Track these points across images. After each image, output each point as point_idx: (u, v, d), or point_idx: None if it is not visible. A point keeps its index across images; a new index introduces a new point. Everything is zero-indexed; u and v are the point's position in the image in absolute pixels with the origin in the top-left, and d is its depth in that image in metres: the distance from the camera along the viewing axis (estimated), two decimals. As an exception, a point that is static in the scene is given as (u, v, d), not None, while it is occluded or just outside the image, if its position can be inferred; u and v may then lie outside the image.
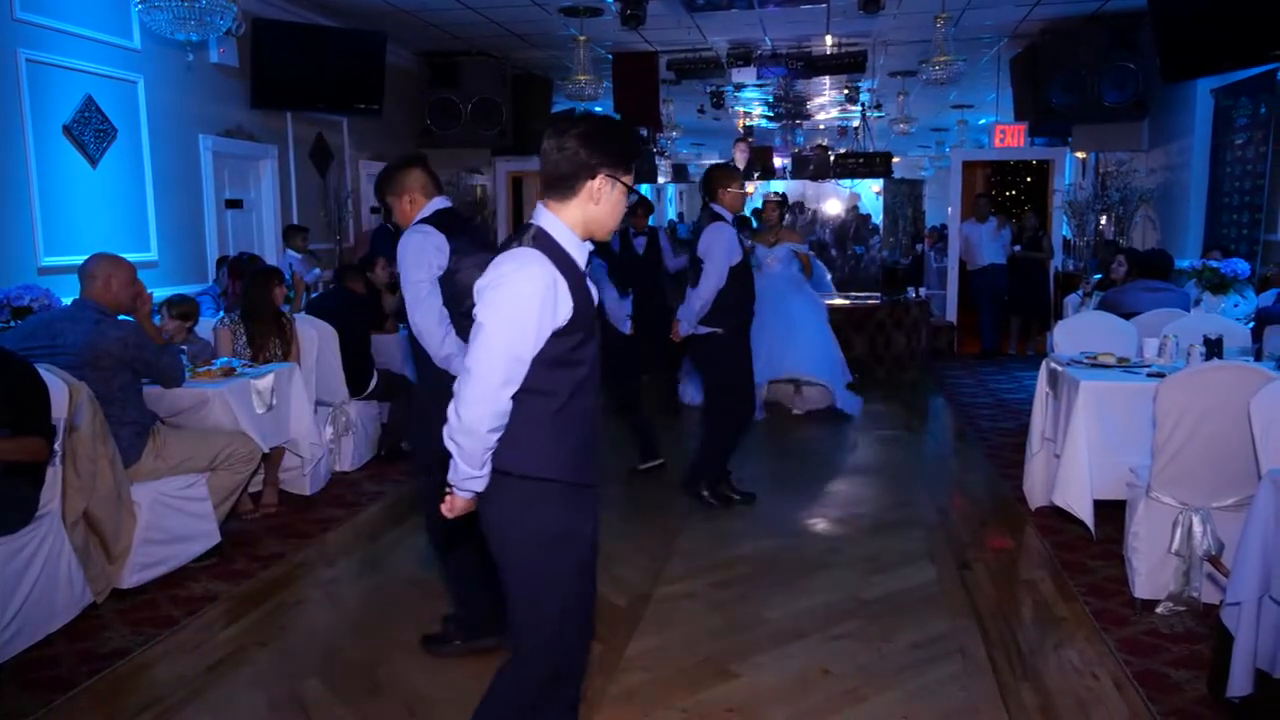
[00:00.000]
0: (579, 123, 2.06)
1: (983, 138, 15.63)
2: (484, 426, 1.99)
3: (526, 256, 2.00)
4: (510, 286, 1.96)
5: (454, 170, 11.34)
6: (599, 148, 2.04)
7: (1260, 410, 3.09)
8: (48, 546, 3.46)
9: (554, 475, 2.08)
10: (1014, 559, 4.37)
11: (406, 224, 3.26)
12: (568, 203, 2.07)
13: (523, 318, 1.96)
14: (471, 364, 1.99)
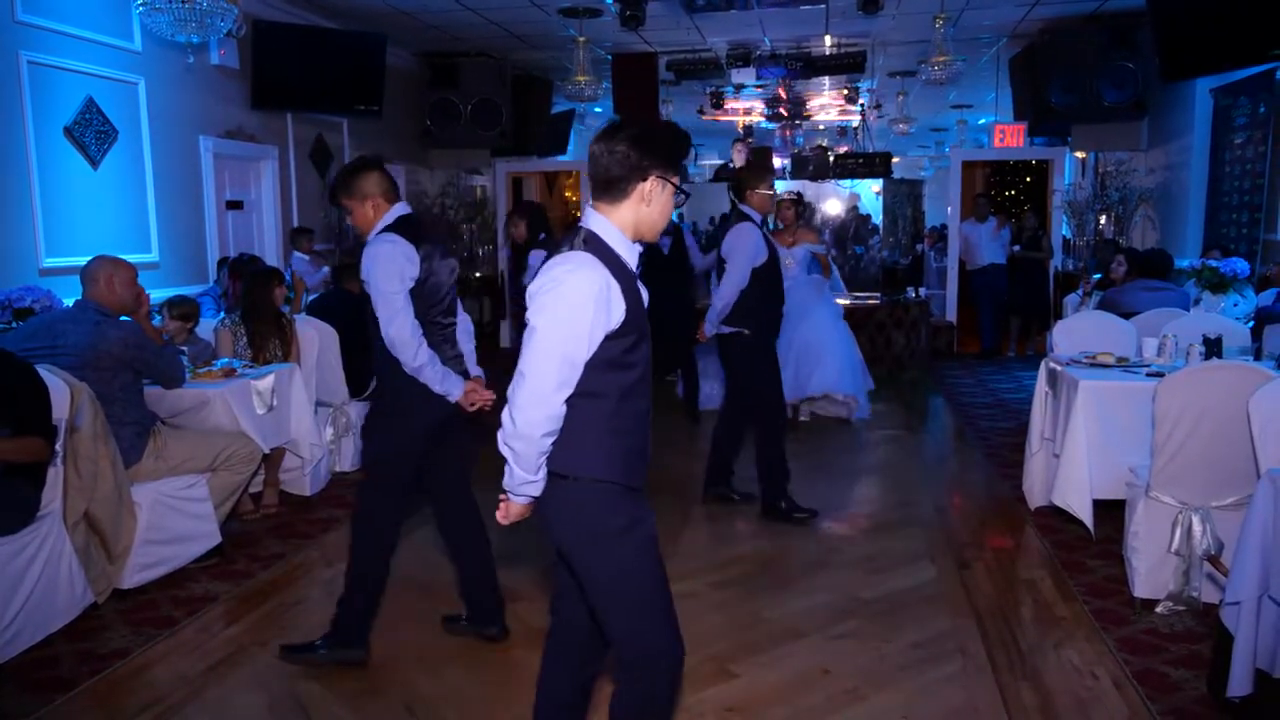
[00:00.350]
0: (628, 126, 2.08)
1: (982, 137, 15.63)
2: (538, 430, 1.99)
3: (579, 260, 2.00)
4: (563, 290, 1.97)
5: (454, 171, 11.36)
6: (649, 150, 2.05)
7: (1259, 409, 3.09)
8: (49, 547, 3.46)
9: (607, 477, 2.08)
10: (1013, 559, 4.38)
11: (367, 230, 3.21)
12: (619, 205, 2.08)
13: (576, 321, 1.97)
14: (525, 368, 1.99)
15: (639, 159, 2.05)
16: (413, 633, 3.58)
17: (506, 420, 2.01)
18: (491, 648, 3.46)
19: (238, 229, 7.84)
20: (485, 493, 3.06)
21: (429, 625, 3.64)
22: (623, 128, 2.07)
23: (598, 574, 2.12)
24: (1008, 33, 9.63)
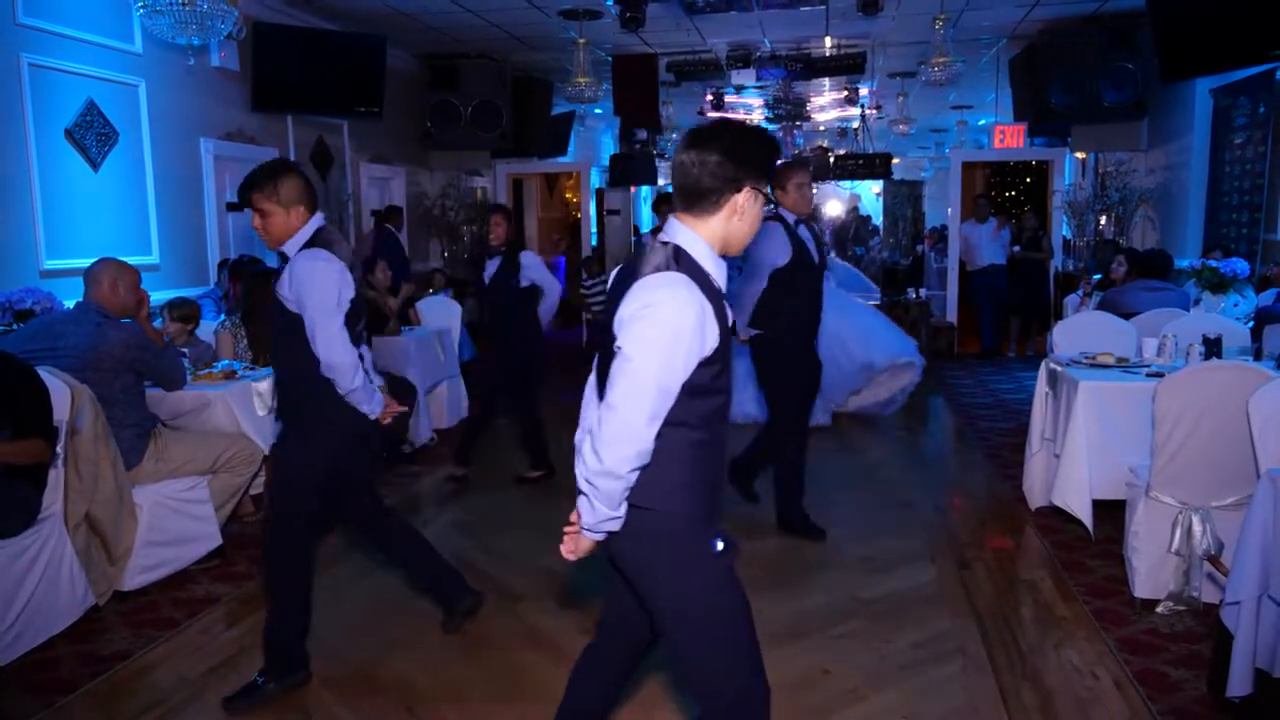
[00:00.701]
0: (721, 134, 1.93)
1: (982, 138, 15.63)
2: (626, 467, 1.84)
3: (675, 282, 1.85)
4: (662, 316, 1.81)
5: (454, 173, 11.36)
6: (744, 160, 1.91)
7: (1259, 409, 3.10)
8: (50, 549, 3.47)
9: (689, 509, 1.94)
10: (1014, 559, 4.38)
11: (283, 240, 3.01)
12: (709, 218, 1.94)
13: (675, 350, 1.81)
14: (618, 401, 1.82)
15: (734, 170, 1.90)
16: (413, 632, 3.58)
17: (590, 456, 1.85)
18: (492, 648, 3.46)
19: (238, 231, 7.84)
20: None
21: (429, 625, 3.64)
22: (715, 136, 1.92)
23: (680, 611, 1.98)
24: (1007, 33, 9.64)
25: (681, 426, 1.89)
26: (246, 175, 3.04)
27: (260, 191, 2.99)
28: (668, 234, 1.96)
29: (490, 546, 4.55)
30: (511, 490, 5.48)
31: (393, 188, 10.48)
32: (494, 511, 5.14)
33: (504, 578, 4.14)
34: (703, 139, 1.92)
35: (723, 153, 1.90)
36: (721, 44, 10.22)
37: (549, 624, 3.65)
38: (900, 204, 12.07)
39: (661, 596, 1.98)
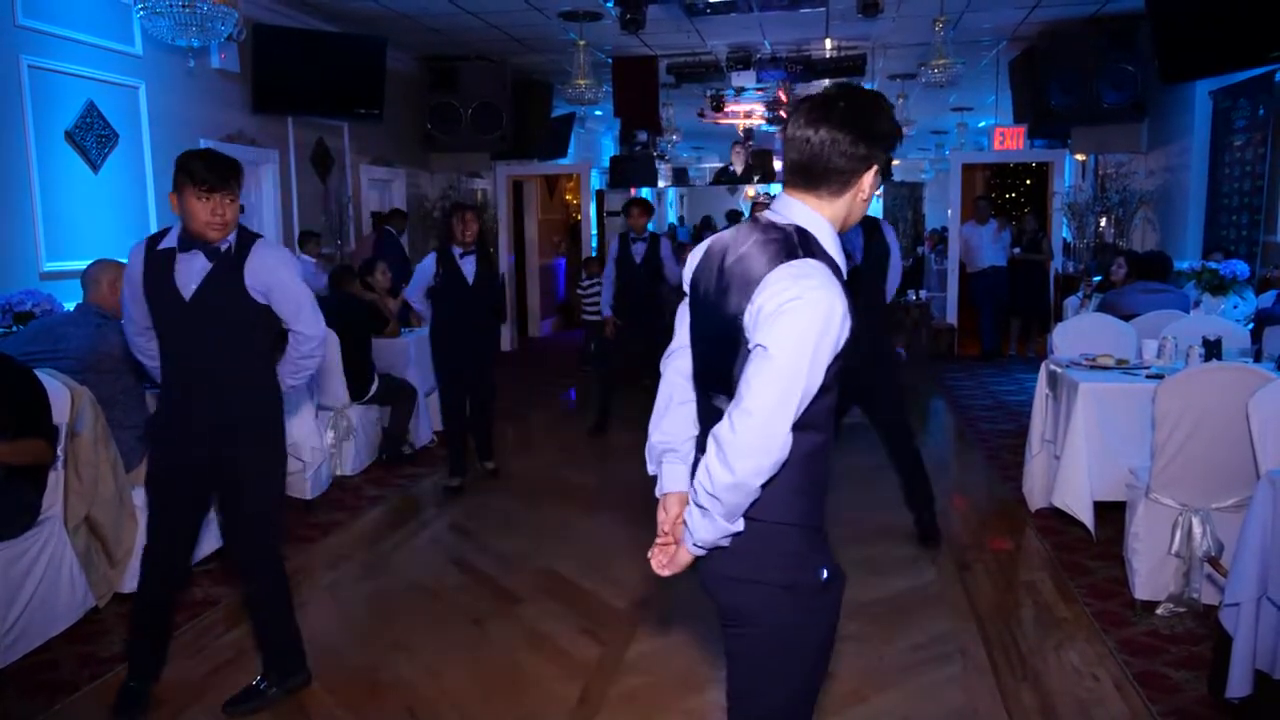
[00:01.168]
0: (853, 109, 1.73)
1: (982, 140, 15.63)
2: (761, 479, 1.63)
3: (818, 271, 1.65)
4: (810, 310, 1.60)
5: (454, 174, 11.37)
6: (876, 139, 1.74)
7: (1258, 411, 3.10)
8: (50, 551, 3.47)
9: (808, 521, 1.77)
10: (1014, 560, 4.38)
11: (228, 229, 2.89)
12: (835, 199, 1.75)
13: (821, 346, 1.61)
14: (756, 404, 1.60)
15: (867, 149, 1.72)
16: (414, 635, 3.58)
17: (718, 469, 1.62)
18: (492, 650, 3.46)
19: (238, 233, 7.84)
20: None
21: (431, 627, 3.64)
22: (848, 111, 1.72)
23: (769, 635, 1.78)
24: (1007, 35, 9.64)
25: (805, 429, 1.69)
26: (219, 158, 2.93)
27: (238, 179, 2.94)
28: (783, 213, 1.77)
29: (489, 548, 4.55)
30: (511, 492, 5.48)
31: (393, 190, 10.48)
32: (493, 513, 5.14)
33: (504, 579, 4.14)
34: (833, 114, 1.72)
35: (857, 131, 1.71)
36: (722, 46, 10.22)
37: (549, 626, 3.65)
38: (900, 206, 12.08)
39: (754, 615, 1.78)
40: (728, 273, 1.73)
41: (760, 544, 1.73)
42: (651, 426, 1.95)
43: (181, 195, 2.86)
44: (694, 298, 1.85)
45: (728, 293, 1.71)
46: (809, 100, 1.75)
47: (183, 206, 2.86)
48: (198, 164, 2.86)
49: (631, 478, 5.62)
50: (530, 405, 7.94)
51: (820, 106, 1.73)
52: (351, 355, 5.64)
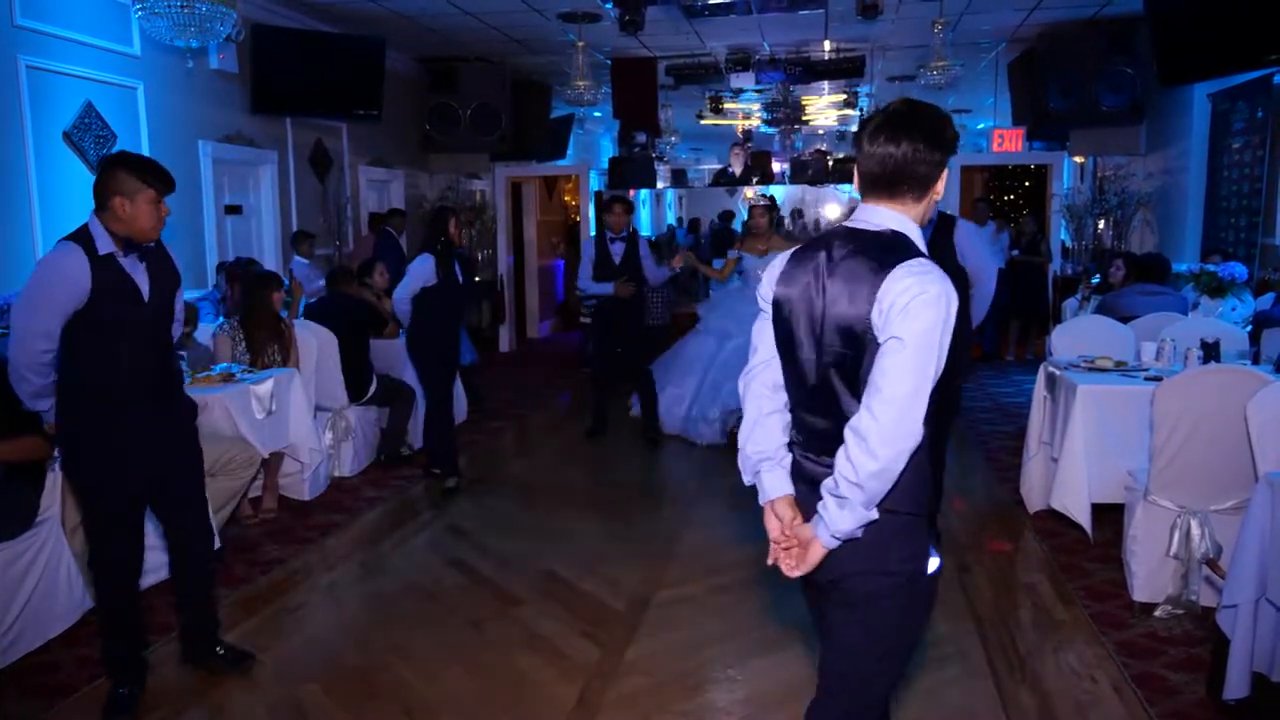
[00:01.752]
0: (924, 120, 1.90)
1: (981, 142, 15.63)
2: (901, 463, 1.76)
3: (932, 267, 1.82)
4: (933, 303, 1.76)
5: (453, 175, 11.37)
6: (946, 144, 1.92)
7: (1257, 413, 3.10)
8: (48, 552, 3.47)
9: (917, 509, 1.88)
10: (1012, 562, 4.37)
11: (156, 232, 2.99)
12: (918, 203, 1.93)
13: (945, 335, 1.78)
14: (896, 392, 1.73)
15: (942, 156, 1.92)
16: (412, 636, 3.58)
17: (862, 458, 1.74)
18: (491, 652, 3.45)
19: (237, 234, 7.84)
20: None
21: (429, 629, 3.64)
22: (921, 122, 1.89)
23: (898, 620, 1.93)
24: (1006, 37, 9.65)
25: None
26: (158, 164, 3.04)
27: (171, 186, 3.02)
28: (873, 220, 1.91)
29: (488, 549, 4.55)
30: (509, 494, 5.48)
31: (391, 190, 10.48)
32: (492, 515, 5.14)
33: (502, 581, 4.14)
34: (912, 128, 1.88)
35: (933, 140, 1.89)
36: (720, 47, 10.22)
37: (547, 628, 3.65)
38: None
39: (874, 603, 1.90)
40: (835, 280, 1.87)
41: (887, 534, 1.85)
42: (742, 440, 2.04)
43: (133, 199, 2.91)
44: (783, 312, 1.96)
45: (841, 298, 1.85)
46: (882, 117, 1.92)
47: (131, 209, 2.92)
48: (155, 172, 2.96)
49: (630, 479, 5.63)
50: (529, 406, 7.93)
51: (898, 122, 1.89)
52: (350, 356, 5.64)
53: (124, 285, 2.92)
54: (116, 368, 2.95)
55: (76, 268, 2.86)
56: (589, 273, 6.51)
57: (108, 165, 2.99)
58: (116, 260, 2.93)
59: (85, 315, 2.87)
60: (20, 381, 2.93)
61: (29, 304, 2.91)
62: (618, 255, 6.45)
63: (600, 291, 6.47)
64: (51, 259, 2.92)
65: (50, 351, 2.91)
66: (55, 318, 2.87)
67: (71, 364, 2.93)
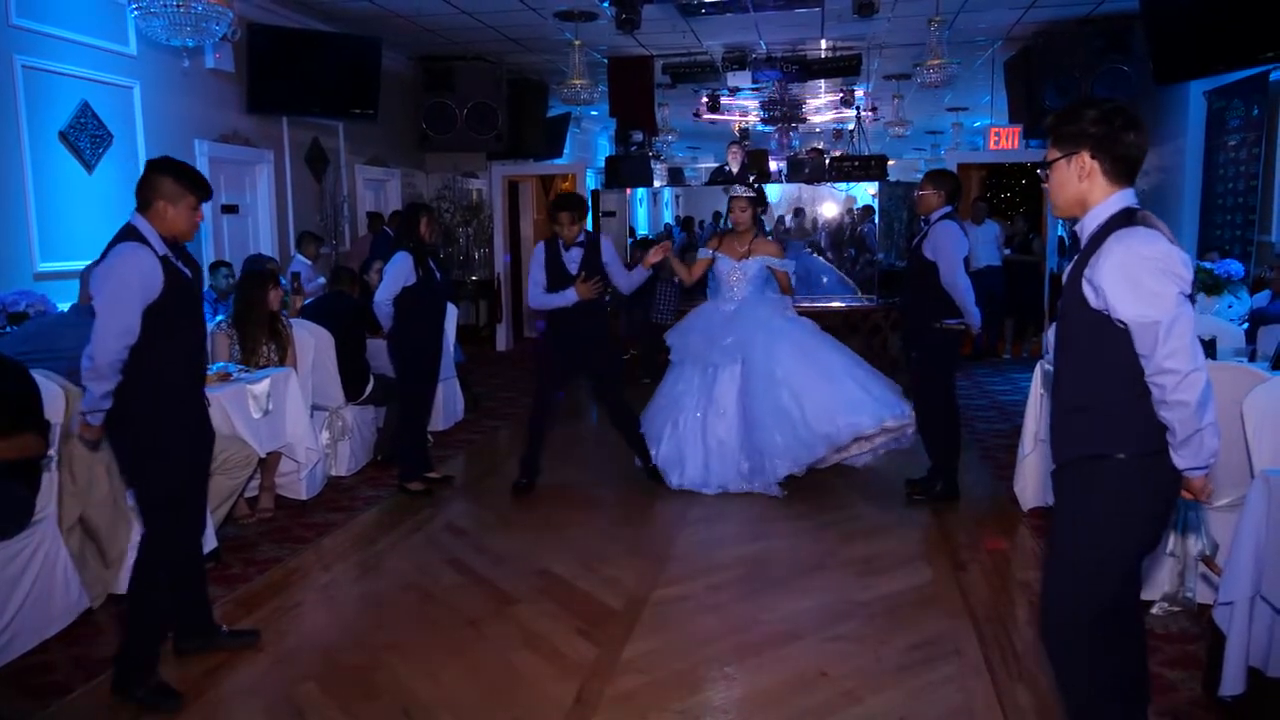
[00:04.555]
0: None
1: (978, 140, 15.66)
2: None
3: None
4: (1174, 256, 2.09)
5: (450, 174, 11.36)
6: None
7: (1252, 410, 3.11)
8: (44, 552, 3.46)
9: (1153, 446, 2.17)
10: (1009, 560, 4.38)
11: (192, 236, 3.19)
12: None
13: None
14: (1181, 341, 2.04)
15: None
16: (409, 635, 3.58)
17: (1192, 416, 2.06)
18: (488, 650, 3.45)
19: (233, 233, 7.84)
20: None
21: (426, 628, 3.64)
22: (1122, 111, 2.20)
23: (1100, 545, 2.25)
24: (1002, 36, 9.66)
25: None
26: (199, 173, 3.19)
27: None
28: (1124, 202, 2.20)
29: (485, 548, 4.55)
30: (506, 492, 5.47)
31: (388, 190, 10.48)
32: (488, 514, 5.13)
33: (499, 580, 4.14)
34: (1129, 113, 2.20)
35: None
36: (717, 46, 10.23)
37: (545, 627, 3.65)
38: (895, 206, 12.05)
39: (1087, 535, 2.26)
40: None
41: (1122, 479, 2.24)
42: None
43: (176, 204, 3.05)
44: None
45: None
46: (1124, 106, 2.23)
47: (173, 213, 3.06)
48: (199, 181, 3.14)
49: (627, 478, 5.62)
50: (526, 406, 7.91)
51: (1130, 111, 2.21)
52: (346, 355, 5.63)
53: (183, 282, 3.10)
54: (184, 360, 3.16)
55: (151, 265, 2.99)
56: (541, 285, 5.28)
57: (154, 169, 3.11)
58: (171, 259, 3.07)
59: (156, 311, 2.99)
60: (99, 381, 2.98)
61: (112, 303, 2.97)
62: (574, 263, 5.24)
63: (560, 303, 5.23)
64: (126, 259, 2.99)
65: (129, 348, 3.00)
66: (136, 315, 2.98)
67: (139, 363, 3.02)
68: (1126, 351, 2.11)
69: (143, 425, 3.10)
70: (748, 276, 5.43)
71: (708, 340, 5.41)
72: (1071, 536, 2.27)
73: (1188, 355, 2.04)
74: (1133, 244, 2.09)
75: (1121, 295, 2.07)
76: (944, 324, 4.91)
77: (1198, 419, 2.06)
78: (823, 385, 5.18)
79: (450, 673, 3.29)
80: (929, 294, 4.89)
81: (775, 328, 5.35)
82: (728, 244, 5.53)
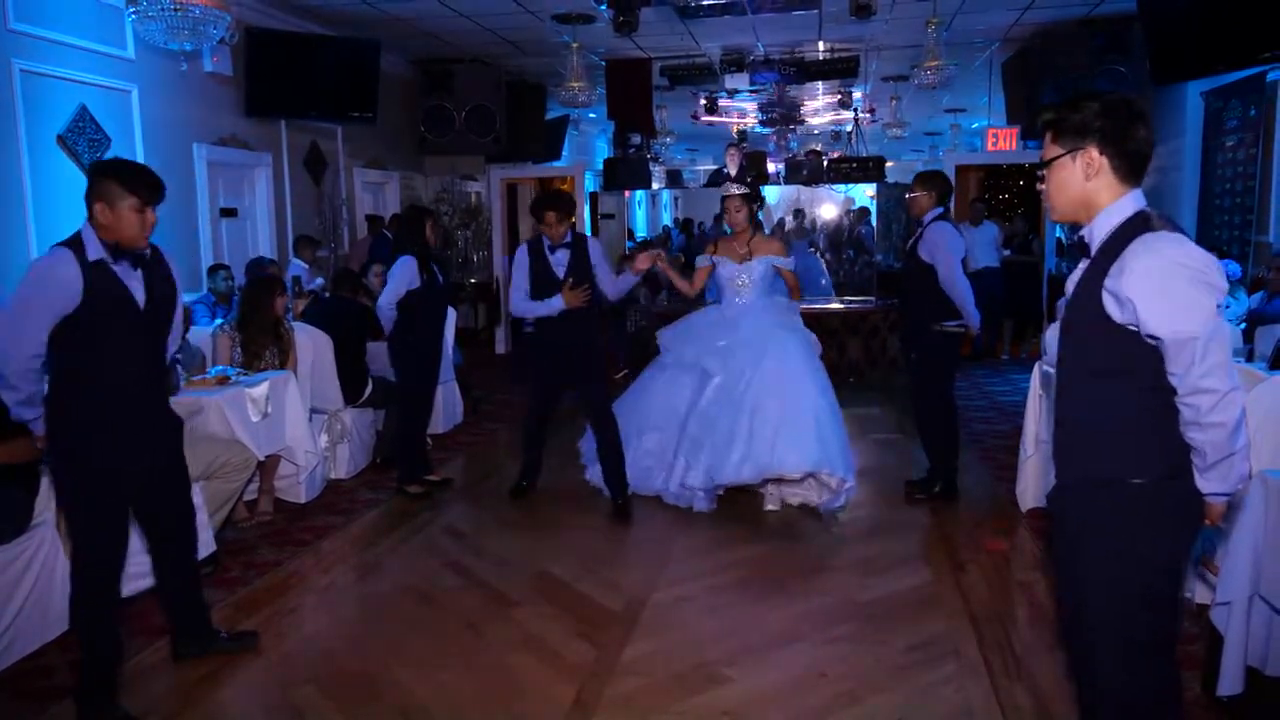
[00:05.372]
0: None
1: (976, 141, 15.67)
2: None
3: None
4: (1205, 264, 1.92)
5: (448, 177, 11.37)
6: None
7: (1250, 411, 3.08)
8: (42, 556, 3.46)
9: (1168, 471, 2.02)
10: (1008, 561, 4.38)
11: (142, 240, 2.99)
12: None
13: None
14: (1219, 357, 1.90)
15: None
16: (409, 638, 3.58)
17: (1217, 433, 1.92)
18: (488, 653, 3.45)
19: (232, 236, 7.84)
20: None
21: (425, 630, 3.64)
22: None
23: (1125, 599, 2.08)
24: (1000, 37, 9.67)
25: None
26: (153, 173, 3.02)
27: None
28: (1136, 205, 2.03)
29: (484, 551, 4.55)
30: (505, 494, 5.47)
31: (387, 193, 10.48)
32: (487, 516, 5.13)
33: (499, 582, 4.14)
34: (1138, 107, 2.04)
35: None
36: (715, 48, 10.24)
37: (544, 629, 3.65)
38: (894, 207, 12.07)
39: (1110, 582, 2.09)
40: None
41: (1133, 511, 2.09)
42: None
43: (114, 206, 2.91)
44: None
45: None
46: (1135, 101, 2.05)
47: (111, 216, 2.91)
48: (141, 180, 2.95)
49: (626, 480, 5.61)
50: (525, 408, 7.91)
51: (1140, 106, 2.05)
52: (345, 359, 5.64)
53: (115, 292, 2.91)
54: (114, 374, 2.94)
55: (67, 273, 2.84)
56: (524, 291, 4.96)
57: (94, 171, 3.01)
58: (108, 267, 2.91)
59: (75, 321, 2.84)
60: (9, 390, 2.90)
61: (19, 308, 2.87)
62: (561, 266, 4.90)
63: (545, 312, 4.90)
64: (43, 264, 2.90)
65: (39, 357, 2.88)
66: (45, 323, 2.84)
67: (61, 370, 2.91)
68: (1150, 369, 1.95)
69: (56, 438, 2.94)
70: (753, 279, 5.09)
71: (707, 344, 5.12)
72: (1089, 569, 2.09)
73: (1225, 374, 1.89)
74: (1165, 250, 1.89)
75: (1155, 308, 1.88)
76: (943, 326, 4.91)
77: (1232, 443, 1.92)
78: (780, 412, 4.74)
79: (449, 675, 3.29)
80: (927, 296, 4.87)
81: (771, 340, 4.98)
82: (726, 247, 5.15)
